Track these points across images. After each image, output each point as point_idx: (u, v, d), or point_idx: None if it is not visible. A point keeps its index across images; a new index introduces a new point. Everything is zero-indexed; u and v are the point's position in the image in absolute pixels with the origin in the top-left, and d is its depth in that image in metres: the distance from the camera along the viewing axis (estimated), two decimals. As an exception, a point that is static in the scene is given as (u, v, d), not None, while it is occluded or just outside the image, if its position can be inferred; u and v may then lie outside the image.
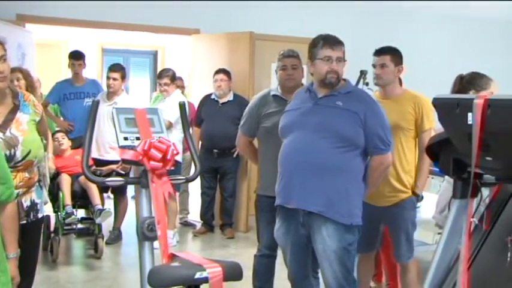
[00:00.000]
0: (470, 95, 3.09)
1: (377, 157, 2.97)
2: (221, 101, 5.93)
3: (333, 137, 2.89)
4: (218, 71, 5.96)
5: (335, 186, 2.89)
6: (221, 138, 5.72)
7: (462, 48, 7.98)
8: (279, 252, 3.54)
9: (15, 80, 4.34)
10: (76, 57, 6.07)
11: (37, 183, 2.85)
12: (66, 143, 5.35)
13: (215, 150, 5.87)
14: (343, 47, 2.99)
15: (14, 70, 3.94)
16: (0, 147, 2.47)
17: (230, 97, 5.95)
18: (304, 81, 3.95)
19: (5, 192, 2.23)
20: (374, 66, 3.58)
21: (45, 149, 3.18)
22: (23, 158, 2.67)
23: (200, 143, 6.04)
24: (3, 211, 2.27)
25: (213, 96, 6.00)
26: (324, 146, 2.89)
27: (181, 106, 3.03)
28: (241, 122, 3.74)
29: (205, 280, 2.11)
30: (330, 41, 2.98)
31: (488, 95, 2.25)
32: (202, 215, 6.23)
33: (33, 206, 2.82)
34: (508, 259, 2.00)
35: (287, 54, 3.66)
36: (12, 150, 2.63)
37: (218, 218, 6.27)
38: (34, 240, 2.90)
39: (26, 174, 2.74)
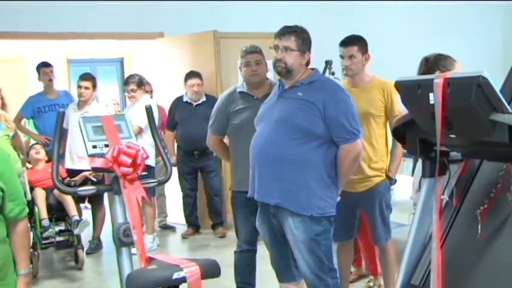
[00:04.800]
0: (430, 75, 3.14)
1: (344, 146, 2.91)
2: (195, 103, 5.91)
3: (290, 129, 2.88)
4: (192, 76, 5.92)
5: (293, 178, 2.88)
6: (200, 139, 5.66)
7: (425, 31, 8.06)
8: (259, 246, 3.56)
9: None
10: (46, 65, 6.07)
11: None
12: (43, 153, 5.30)
13: (196, 152, 5.84)
14: (293, 36, 2.95)
15: None
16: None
17: (203, 98, 5.91)
18: (270, 75, 3.97)
19: (14, 209, 2.21)
20: (342, 57, 3.59)
21: (23, 163, 3.16)
22: None
23: (176, 145, 6.03)
24: (15, 228, 2.25)
25: (185, 99, 5.97)
26: (281, 139, 2.89)
27: (148, 110, 3.03)
28: (210, 122, 3.73)
29: (183, 280, 2.11)
30: (279, 31, 2.99)
31: (448, 74, 2.29)
32: (188, 217, 6.21)
33: None
34: (479, 231, 2.04)
35: (250, 50, 3.66)
36: None
37: (208, 218, 6.24)
38: None
39: None
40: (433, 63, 3.33)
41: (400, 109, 3.48)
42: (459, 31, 8.21)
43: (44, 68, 6.02)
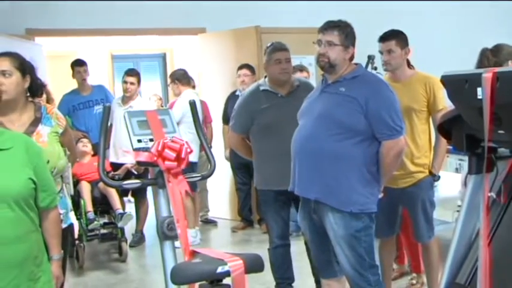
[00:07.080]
0: (482, 69, 3.07)
1: (386, 143, 2.87)
2: None
3: (330, 124, 2.86)
4: (241, 67, 5.93)
5: (333, 173, 2.86)
6: None
7: (468, 24, 7.89)
8: (294, 241, 3.53)
9: None
10: (79, 63, 6.11)
11: (60, 194, 2.89)
12: (90, 146, 5.41)
13: None
14: (337, 31, 2.93)
15: None
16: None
17: None
18: (312, 69, 3.95)
19: (46, 199, 2.32)
20: (381, 52, 3.57)
21: (72, 162, 3.26)
22: None
23: None
24: (47, 217, 2.36)
25: (237, 93, 5.96)
26: (321, 134, 2.87)
27: (192, 105, 3.05)
28: (232, 122, 3.69)
29: (227, 274, 2.12)
30: (322, 25, 2.98)
31: (496, 69, 2.24)
32: (240, 211, 6.27)
33: None
34: (528, 230, 2.00)
35: (279, 47, 3.62)
36: None
37: (255, 213, 6.29)
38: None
39: None
40: (509, 54, 3.21)
41: (445, 104, 3.43)
42: (504, 27, 8.00)
43: (77, 67, 6.05)
